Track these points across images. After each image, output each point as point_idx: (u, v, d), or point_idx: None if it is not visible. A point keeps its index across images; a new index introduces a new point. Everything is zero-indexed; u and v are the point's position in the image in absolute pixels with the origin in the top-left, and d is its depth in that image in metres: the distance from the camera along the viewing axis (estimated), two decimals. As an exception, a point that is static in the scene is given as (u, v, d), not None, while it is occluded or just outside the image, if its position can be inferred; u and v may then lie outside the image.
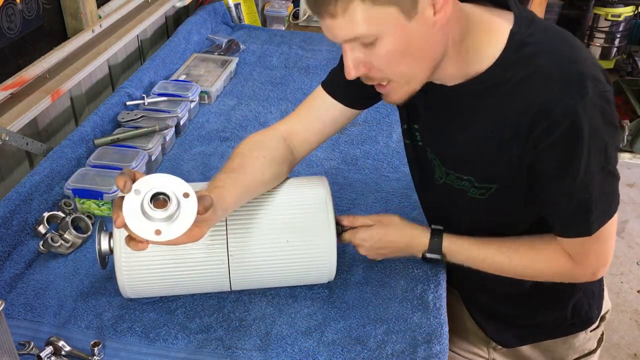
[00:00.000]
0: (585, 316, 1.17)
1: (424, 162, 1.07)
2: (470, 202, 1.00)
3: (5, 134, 1.25)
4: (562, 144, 0.84)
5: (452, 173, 1.00)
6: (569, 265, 0.98)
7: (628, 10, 3.63)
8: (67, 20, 1.58)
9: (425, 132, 1.03)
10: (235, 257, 1.00)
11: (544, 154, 0.87)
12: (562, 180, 0.88)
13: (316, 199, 1.05)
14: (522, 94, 0.85)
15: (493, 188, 0.97)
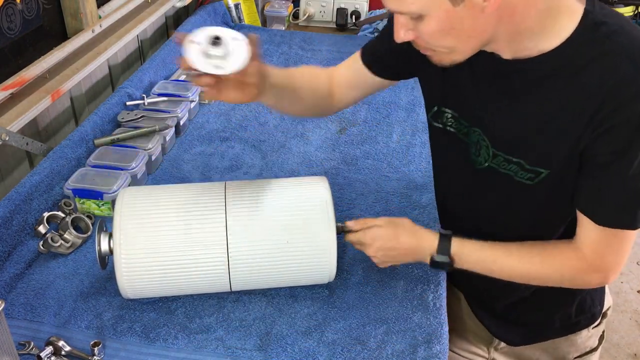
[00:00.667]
0: (589, 312, 1.17)
1: (457, 147, 1.03)
2: (515, 188, 0.96)
3: (5, 134, 1.25)
4: (628, 126, 0.82)
5: (501, 155, 0.95)
6: (582, 267, 0.96)
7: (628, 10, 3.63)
8: (67, 20, 1.58)
9: (473, 111, 0.98)
10: (235, 257, 1.00)
11: (604, 136, 0.84)
12: (615, 165, 0.85)
13: (316, 200, 1.05)
14: (594, 72, 0.83)
15: (544, 173, 0.92)
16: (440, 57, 0.89)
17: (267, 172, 1.45)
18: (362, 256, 1.18)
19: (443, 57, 0.88)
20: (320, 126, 1.64)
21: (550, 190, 0.95)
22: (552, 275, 0.99)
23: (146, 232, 0.99)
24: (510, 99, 0.92)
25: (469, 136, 1.01)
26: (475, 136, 0.99)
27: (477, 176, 1.02)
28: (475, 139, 0.99)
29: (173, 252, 0.99)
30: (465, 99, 0.99)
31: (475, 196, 1.06)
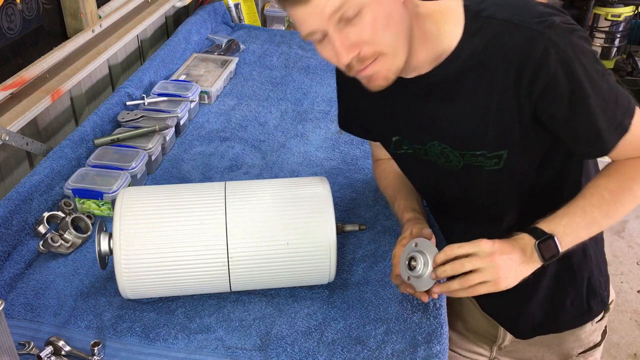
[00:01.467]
0: (599, 295, 1.17)
1: (424, 165, 1.07)
2: (488, 176, 1.01)
3: (5, 134, 1.25)
4: (559, 78, 0.87)
5: (466, 152, 1.00)
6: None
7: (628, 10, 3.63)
8: (67, 20, 1.58)
9: (422, 131, 1.03)
10: (235, 258, 1.00)
11: (545, 97, 0.89)
12: (578, 109, 0.90)
13: (317, 200, 1.05)
14: (496, 50, 0.90)
15: (504, 154, 0.98)
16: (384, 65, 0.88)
17: (267, 172, 1.45)
18: (362, 256, 1.19)
19: (386, 65, 0.88)
20: (320, 126, 1.64)
21: (517, 167, 0.99)
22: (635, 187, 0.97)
23: (146, 232, 0.99)
24: (445, 104, 0.98)
25: (429, 153, 1.05)
26: (436, 148, 1.04)
27: (457, 177, 1.05)
28: (439, 150, 1.04)
29: (173, 253, 0.99)
30: (411, 124, 1.04)
31: (463, 195, 1.09)
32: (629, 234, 2.74)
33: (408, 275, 1.00)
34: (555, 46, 0.86)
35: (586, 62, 0.88)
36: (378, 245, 1.21)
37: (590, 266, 1.14)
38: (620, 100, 0.93)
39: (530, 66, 0.87)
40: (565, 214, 0.96)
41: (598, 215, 0.96)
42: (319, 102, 1.77)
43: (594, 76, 0.89)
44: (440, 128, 1.01)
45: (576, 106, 0.90)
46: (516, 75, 0.89)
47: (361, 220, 1.28)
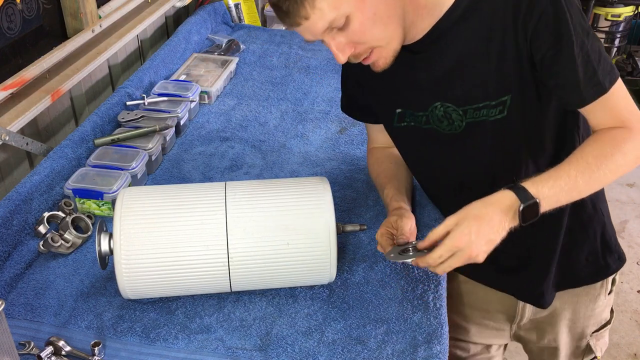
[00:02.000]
0: (615, 250, 1.20)
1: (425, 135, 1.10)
2: (494, 127, 1.03)
3: (5, 134, 1.25)
4: (547, 16, 0.92)
5: (469, 107, 1.02)
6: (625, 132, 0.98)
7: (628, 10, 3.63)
8: (67, 20, 1.58)
9: (425, 95, 1.06)
10: (235, 258, 1.00)
11: (536, 36, 0.93)
12: (561, 52, 0.94)
13: (317, 201, 1.05)
14: None
15: (507, 99, 1.00)
16: (382, 55, 0.96)
17: (267, 172, 1.45)
18: (362, 256, 1.19)
19: (385, 53, 0.96)
20: (320, 126, 1.65)
21: (522, 113, 1.02)
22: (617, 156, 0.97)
23: (146, 232, 0.99)
24: (445, 60, 1.01)
25: (431, 120, 1.07)
26: (438, 110, 1.06)
27: (459, 142, 1.07)
28: (441, 113, 1.06)
29: (173, 253, 0.99)
30: (414, 90, 1.07)
31: (467, 158, 1.10)
32: (629, 234, 2.74)
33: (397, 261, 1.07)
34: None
35: (573, 13, 0.92)
36: (378, 245, 1.21)
37: (602, 220, 1.17)
38: (604, 63, 0.96)
39: (524, 4, 0.92)
40: (552, 177, 0.97)
41: (581, 182, 0.97)
42: (319, 102, 1.77)
43: (577, 28, 0.93)
44: (443, 86, 1.03)
45: (561, 49, 0.93)
46: (513, 14, 0.93)
47: (361, 220, 1.28)
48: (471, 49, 0.98)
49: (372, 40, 0.94)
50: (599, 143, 0.99)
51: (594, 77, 0.95)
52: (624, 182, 3.13)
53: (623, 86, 0.99)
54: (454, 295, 1.27)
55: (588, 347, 1.28)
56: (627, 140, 0.98)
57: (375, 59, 0.97)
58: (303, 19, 0.89)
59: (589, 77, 0.95)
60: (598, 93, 0.96)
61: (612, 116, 0.98)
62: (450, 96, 1.03)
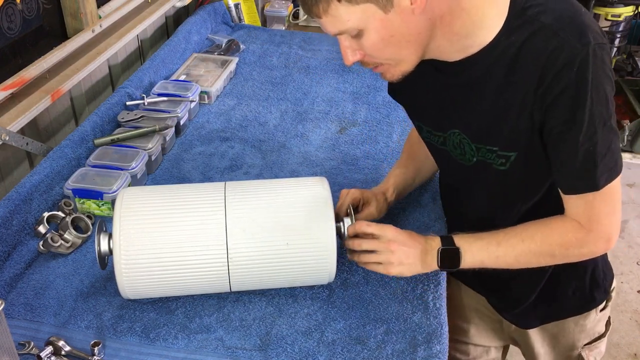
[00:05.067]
0: (602, 286, 1.19)
1: (441, 155, 1.10)
2: (497, 175, 1.02)
3: (5, 134, 1.25)
4: (568, 93, 0.87)
5: (483, 146, 1.01)
6: (582, 234, 0.97)
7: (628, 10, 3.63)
8: (67, 20, 1.58)
9: (444, 119, 1.05)
10: (234, 258, 1.00)
11: (552, 108, 0.90)
12: (568, 133, 0.90)
13: (316, 201, 1.05)
14: (529, 51, 0.89)
15: (512, 157, 0.98)
16: (390, 71, 0.95)
17: (267, 172, 1.45)
18: (362, 256, 1.19)
19: (393, 71, 0.94)
20: (320, 126, 1.64)
21: (522, 172, 1.00)
22: (557, 250, 1.00)
23: (146, 233, 0.99)
24: (471, 95, 0.98)
25: (447, 143, 1.07)
26: (455, 137, 1.04)
27: (469, 172, 1.06)
28: (457, 140, 1.04)
29: (173, 253, 0.99)
30: (435, 110, 1.06)
31: (471, 190, 1.11)
32: (628, 234, 2.74)
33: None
34: (580, 65, 0.85)
35: (596, 101, 0.87)
36: (378, 245, 1.21)
37: (595, 260, 1.15)
38: (609, 158, 0.92)
39: (552, 73, 0.87)
40: (482, 238, 1.02)
41: (509, 256, 1.01)
42: (319, 102, 1.77)
43: (595, 117, 0.88)
44: (462, 117, 1.02)
45: (569, 131, 0.90)
46: (539, 79, 0.89)
47: (361, 220, 1.27)
48: (496, 94, 0.95)
49: (381, 58, 0.92)
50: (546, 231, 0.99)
51: (591, 171, 0.91)
52: (624, 182, 3.13)
53: (617, 188, 0.95)
54: (453, 296, 1.27)
55: (580, 357, 1.26)
56: (580, 245, 0.98)
57: (382, 71, 0.95)
58: (315, 16, 0.88)
59: (586, 170, 0.92)
60: (588, 188, 0.93)
61: (587, 215, 0.96)
62: (468, 128, 1.02)
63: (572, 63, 0.85)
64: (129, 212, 1.01)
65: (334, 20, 0.86)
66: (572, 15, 0.89)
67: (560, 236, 0.99)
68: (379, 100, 1.77)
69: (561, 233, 0.99)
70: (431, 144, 1.12)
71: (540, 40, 0.88)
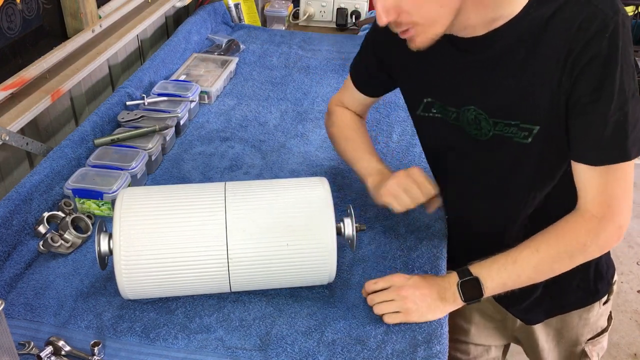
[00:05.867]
0: (605, 278, 1.19)
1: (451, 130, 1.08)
2: (517, 148, 1.01)
3: (5, 134, 1.25)
4: (599, 61, 0.87)
5: (501, 121, 1.00)
6: (595, 226, 0.95)
7: (628, 10, 3.63)
8: (67, 20, 1.58)
9: (460, 95, 1.03)
10: (234, 259, 1.00)
11: (582, 77, 0.88)
12: (598, 102, 0.89)
13: (316, 201, 1.05)
14: (559, 21, 0.89)
15: (536, 130, 0.97)
16: (422, 34, 0.91)
17: (267, 172, 1.45)
18: (362, 256, 1.19)
19: (425, 33, 0.91)
20: (320, 126, 1.64)
21: (545, 147, 0.99)
22: (574, 248, 0.97)
23: (146, 233, 0.99)
24: (491, 70, 0.97)
25: (460, 118, 1.05)
26: (470, 114, 1.03)
27: (481, 148, 1.05)
28: (472, 116, 1.03)
29: (173, 253, 0.99)
30: (449, 85, 1.04)
31: (481, 169, 1.09)
32: (629, 234, 2.75)
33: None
34: (612, 32, 0.86)
35: (625, 70, 0.88)
36: (378, 245, 1.21)
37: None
38: (639, 129, 0.91)
39: (583, 40, 0.87)
40: (497, 261, 1.00)
41: (528, 269, 0.99)
42: (319, 102, 1.77)
43: (625, 86, 0.88)
44: (481, 93, 1.00)
45: (598, 100, 0.89)
46: (569, 48, 0.88)
47: (361, 220, 1.28)
48: (519, 69, 0.95)
49: (419, 15, 0.89)
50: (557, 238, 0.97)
51: (623, 141, 0.90)
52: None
53: (632, 170, 0.93)
54: None
55: (583, 352, 1.27)
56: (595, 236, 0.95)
57: (413, 35, 0.92)
58: None
59: (617, 139, 0.90)
60: (619, 158, 0.91)
61: (600, 195, 0.94)
62: (486, 104, 1.01)
63: (605, 30, 0.85)
64: (129, 212, 1.01)
65: None
66: None
67: (573, 233, 0.97)
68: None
69: (573, 229, 0.97)
70: (442, 120, 1.09)
71: (571, 8, 0.87)
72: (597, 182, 0.94)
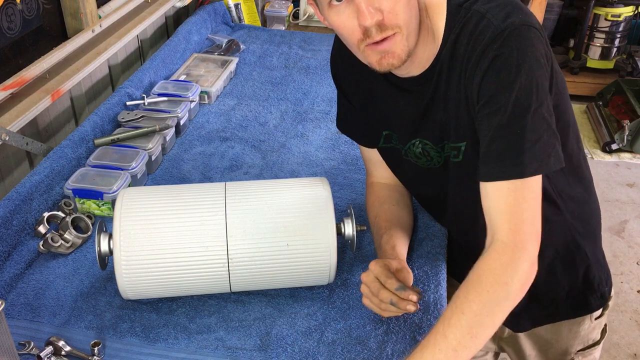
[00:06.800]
0: (597, 291, 1.17)
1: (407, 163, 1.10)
2: (455, 168, 1.02)
3: (5, 134, 1.25)
4: (492, 71, 0.86)
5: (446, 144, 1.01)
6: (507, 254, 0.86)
7: (628, 10, 3.63)
8: (67, 20, 1.58)
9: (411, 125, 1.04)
10: (235, 259, 1.00)
11: (479, 88, 0.88)
12: (491, 114, 0.87)
13: (317, 202, 1.05)
14: (462, 39, 0.91)
15: (462, 146, 0.98)
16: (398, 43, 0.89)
17: (267, 172, 1.45)
18: (362, 256, 1.19)
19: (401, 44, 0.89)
20: (320, 126, 1.65)
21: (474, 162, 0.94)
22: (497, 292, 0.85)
23: (146, 233, 0.99)
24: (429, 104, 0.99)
25: (409, 153, 1.07)
26: (416, 147, 1.05)
27: (440, 174, 1.06)
28: (419, 150, 1.05)
29: (173, 253, 0.99)
30: (397, 122, 1.07)
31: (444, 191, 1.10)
32: (629, 234, 2.74)
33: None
34: (503, 42, 0.85)
35: (524, 83, 0.84)
36: (378, 246, 1.21)
37: (586, 261, 1.13)
38: (539, 148, 0.85)
39: (477, 53, 0.87)
40: (427, 344, 0.86)
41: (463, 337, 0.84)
42: (319, 102, 1.77)
43: (522, 100, 0.85)
44: (421, 127, 1.02)
45: (493, 112, 0.87)
46: (466, 61, 0.90)
47: (361, 220, 1.27)
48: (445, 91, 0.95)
49: (401, 19, 0.87)
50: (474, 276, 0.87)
51: (519, 155, 0.84)
52: (624, 182, 3.13)
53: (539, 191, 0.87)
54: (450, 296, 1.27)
55: None
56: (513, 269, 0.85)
57: (394, 47, 0.89)
58: None
59: (513, 153, 0.85)
60: (516, 173, 0.85)
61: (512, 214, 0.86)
62: (427, 133, 1.02)
63: (495, 41, 0.86)
64: (129, 212, 1.01)
65: None
66: (504, 2, 0.89)
67: (490, 273, 0.86)
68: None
69: (488, 269, 0.87)
70: (398, 151, 1.10)
71: (470, 25, 0.89)
72: (502, 203, 0.87)
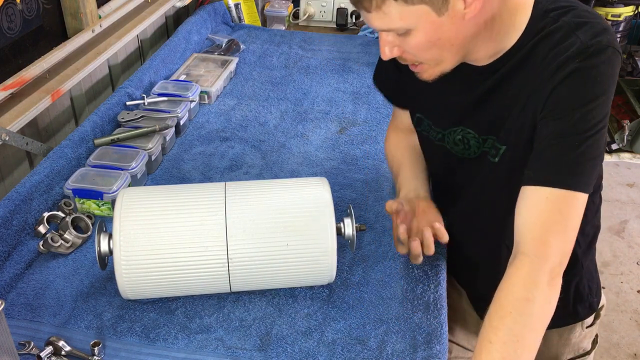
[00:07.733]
0: (586, 301, 1.17)
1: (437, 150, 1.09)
2: (486, 166, 1.02)
3: (5, 134, 1.25)
4: (570, 81, 0.86)
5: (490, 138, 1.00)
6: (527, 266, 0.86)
7: (628, 10, 3.63)
8: (67, 20, 1.58)
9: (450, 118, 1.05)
10: (234, 259, 1.00)
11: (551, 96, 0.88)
12: (557, 121, 0.88)
13: (317, 202, 1.05)
14: (544, 47, 0.89)
15: (502, 150, 0.98)
16: (428, 71, 0.93)
17: (267, 172, 1.45)
18: (362, 256, 1.19)
19: (431, 71, 0.93)
20: (320, 126, 1.64)
21: (512, 164, 0.97)
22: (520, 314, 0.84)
23: (146, 233, 0.99)
24: (486, 98, 0.98)
25: (445, 139, 1.07)
26: (456, 134, 1.04)
27: (472, 164, 1.06)
28: (459, 137, 1.04)
29: (173, 253, 0.99)
30: (440, 108, 1.06)
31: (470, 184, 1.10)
32: (629, 234, 2.74)
33: None
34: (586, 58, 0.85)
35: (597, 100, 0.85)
36: (378, 245, 1.22)
37: (580, 273, 1.13)
38: (590, 167, 0.87)
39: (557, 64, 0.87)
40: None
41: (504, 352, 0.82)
42: (319, 102, 1.77)
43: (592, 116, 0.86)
44: (471, 112, 1.01)
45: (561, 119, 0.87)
46: (546, 72, 0.89)
47: (361, 220, 1.28)
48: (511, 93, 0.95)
49: (422, 59, 0.91)
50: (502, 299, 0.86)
51: (576, 167, 0.85)
52: (624, 182, 3.13)
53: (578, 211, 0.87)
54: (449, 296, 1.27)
55: None
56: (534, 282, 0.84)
57: (420, 70, 0.94)
58: (363, 9, 0.85)
59: (566, 163, 0.86)
60: (561, 183, 0.86)
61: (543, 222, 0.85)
62: (475, 125, 1.02)
63: (579, 55, 0.85)
64: (129, 212, 1.01)
65: (384, 17, 0.84)
66: (593, 20, 0.89)
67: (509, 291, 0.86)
68: (379, 100, 1.77)
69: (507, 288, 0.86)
70: (428, 138, 1.11)
71: (557, 36, 0.89)
72: (536, 211, 0.87)
